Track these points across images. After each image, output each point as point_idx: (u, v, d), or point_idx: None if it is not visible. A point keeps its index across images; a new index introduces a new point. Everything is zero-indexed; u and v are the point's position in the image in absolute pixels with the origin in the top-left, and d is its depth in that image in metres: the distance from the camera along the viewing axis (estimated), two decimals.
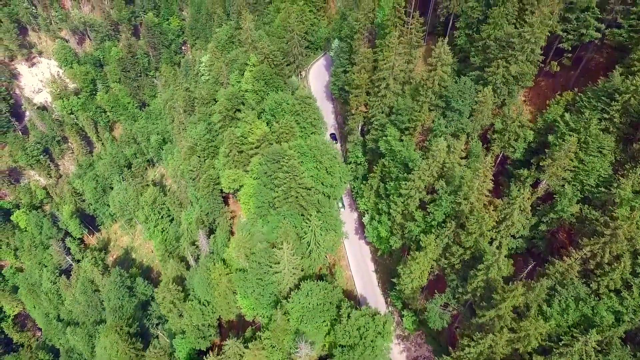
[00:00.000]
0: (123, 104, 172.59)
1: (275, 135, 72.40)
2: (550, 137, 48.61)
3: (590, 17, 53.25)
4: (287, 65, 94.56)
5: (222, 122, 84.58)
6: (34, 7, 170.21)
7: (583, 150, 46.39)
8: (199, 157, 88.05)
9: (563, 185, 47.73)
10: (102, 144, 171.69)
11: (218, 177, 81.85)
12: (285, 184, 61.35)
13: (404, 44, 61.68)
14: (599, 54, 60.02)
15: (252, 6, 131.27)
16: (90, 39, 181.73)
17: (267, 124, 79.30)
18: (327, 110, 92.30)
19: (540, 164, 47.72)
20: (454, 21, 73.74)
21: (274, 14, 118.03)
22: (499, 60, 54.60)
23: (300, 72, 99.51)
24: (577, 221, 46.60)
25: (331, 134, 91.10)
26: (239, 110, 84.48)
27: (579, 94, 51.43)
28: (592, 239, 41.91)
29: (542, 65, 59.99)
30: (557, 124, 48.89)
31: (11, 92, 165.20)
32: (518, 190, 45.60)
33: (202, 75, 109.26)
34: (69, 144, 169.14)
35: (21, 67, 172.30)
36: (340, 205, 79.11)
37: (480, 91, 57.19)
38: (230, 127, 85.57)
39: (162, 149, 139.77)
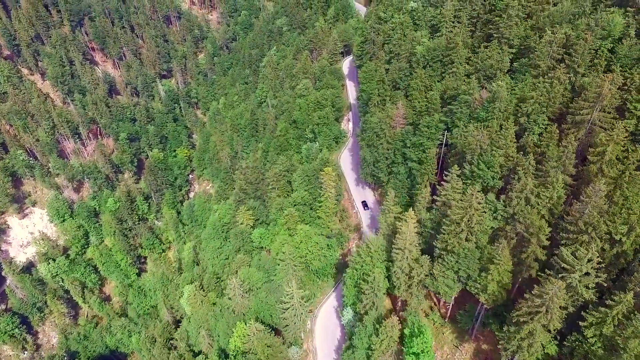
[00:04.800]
0: (115, 260, 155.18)
1: None
2: None
3: None
4: (286, 326, 72.41)
5: None
6: (31, 158, 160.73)
7: None
8: None
9: None
10: (89, 306, 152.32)
11: None
12: None
13: None
14: None
15: (253, 186, 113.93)
16: (88, 184, 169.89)
17: None
18: None
19: None
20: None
21: (275, 214, 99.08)
22: None
23: (305, 324, 76.83)
24: None
25: (362, 202, 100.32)
26: None
27: None
28: None
29: None
30: None
31: None
32: None
33: (185, 308, 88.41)
34: (51, 309, 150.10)
35: (12, 219, 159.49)
36: None
37: None
38: None
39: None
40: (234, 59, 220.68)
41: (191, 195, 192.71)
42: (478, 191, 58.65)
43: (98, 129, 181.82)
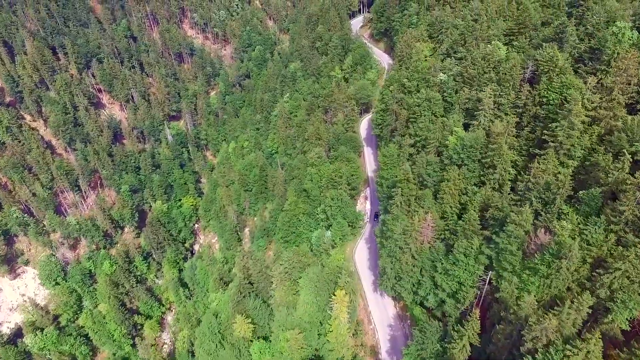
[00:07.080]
0: (109, 330, 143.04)
1: None
2: None
3: None
4: None
5: None
6: (26, 215, 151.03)
7: None
8: None
9: None
10: None
11: None
12: None
13: None
14: None
15: (255, 278, 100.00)
16: (85, 242, 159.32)
17: None
18: None
19: None
20: None
21: (277, 329, 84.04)
22: None
23: None
24: None
25: (375, 213, 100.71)
26: None
27: None
28: None
29: None
30: None
31: None
32: None
33: None
34: None
35: (2, 280, 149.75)
36: None
37: None
38: None
39: None
40: (246, 98, 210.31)
41: (195, 247, 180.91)
42: None
43: (100, 179, 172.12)
